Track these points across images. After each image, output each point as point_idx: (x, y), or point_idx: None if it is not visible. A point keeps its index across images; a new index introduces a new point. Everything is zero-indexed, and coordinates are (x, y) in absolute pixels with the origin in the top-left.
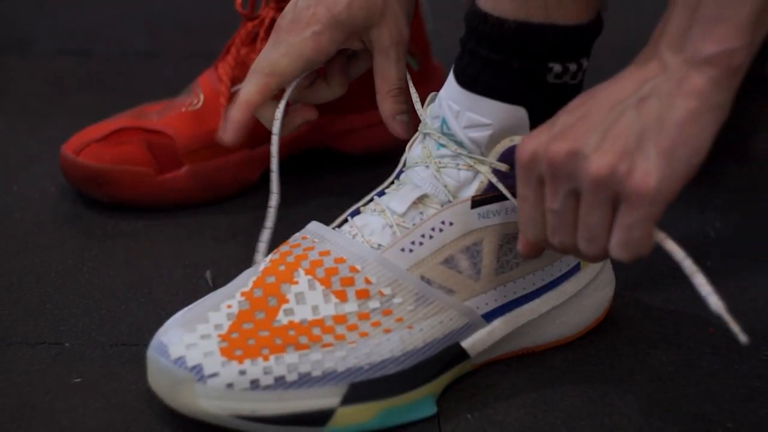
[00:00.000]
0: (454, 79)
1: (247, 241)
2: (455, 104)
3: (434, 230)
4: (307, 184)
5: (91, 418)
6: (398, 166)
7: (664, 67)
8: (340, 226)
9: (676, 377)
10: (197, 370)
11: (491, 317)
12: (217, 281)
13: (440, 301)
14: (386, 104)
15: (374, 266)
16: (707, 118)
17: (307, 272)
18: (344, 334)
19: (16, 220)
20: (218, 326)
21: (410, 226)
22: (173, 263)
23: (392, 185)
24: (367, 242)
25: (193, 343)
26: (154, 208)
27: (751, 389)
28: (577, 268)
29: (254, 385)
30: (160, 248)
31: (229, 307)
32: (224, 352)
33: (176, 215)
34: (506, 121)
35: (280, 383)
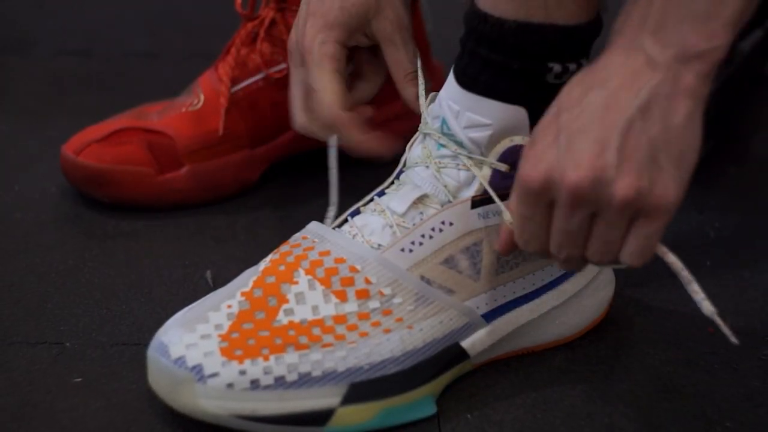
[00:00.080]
0: (453, 79)
1: (247, 241)
2: (455, 104)
3: (434, 230)
4: (307, 184)
5: (91, 417)
6: (398, 166)
7: (653, 65)
8: (340, 226)
9: (675, 377)
10: (197, 370)
11: (491, 317)
12: (217, 281)
13: (440, 301)
14: (407, 89)
15: (374, 266)
16: (699, 114)
17: (307, 272)
18: (344, 334)
19: (16, 220)
20: (218, 326)
21: (410, 226)
22: (173, 263)
23: (392, 185)
24: (367, 242)
25: (193, 343)
26: (154, 208)
27: (750, 389)
28: None
29: (254, 385)
30: (160, 248)
31: (229, 307)
32: (224, 352)
33: (176, 215)
34: (506, 121)
35: (280, 383)
